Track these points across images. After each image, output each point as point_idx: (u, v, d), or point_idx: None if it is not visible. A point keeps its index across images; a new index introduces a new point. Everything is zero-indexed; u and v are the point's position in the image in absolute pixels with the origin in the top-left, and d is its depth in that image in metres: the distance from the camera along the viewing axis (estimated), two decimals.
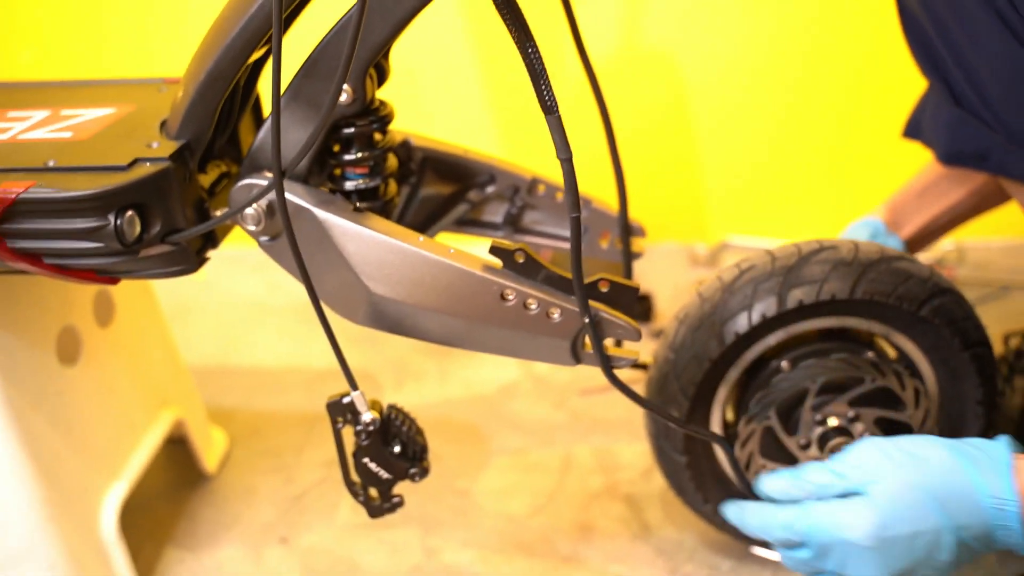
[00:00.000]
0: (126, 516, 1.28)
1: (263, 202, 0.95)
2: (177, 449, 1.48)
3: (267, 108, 1.15)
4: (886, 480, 0.87)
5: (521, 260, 0.93)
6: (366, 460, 1.01)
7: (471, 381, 1.70)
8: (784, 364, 1.09)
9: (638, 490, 1.40)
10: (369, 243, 0.93)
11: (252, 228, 0.96)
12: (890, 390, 1.06)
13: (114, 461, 1.25)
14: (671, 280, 1.95)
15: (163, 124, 1.02)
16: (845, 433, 1.06)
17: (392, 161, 1.06)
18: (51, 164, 0.94)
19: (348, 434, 1.01)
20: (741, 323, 1.05)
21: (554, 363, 1.01)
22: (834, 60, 1.88)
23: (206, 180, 1.04)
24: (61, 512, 1.14)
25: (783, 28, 1.87)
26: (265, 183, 0.95)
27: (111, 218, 0.90)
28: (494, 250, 0.93)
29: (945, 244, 1.91)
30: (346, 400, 0.99)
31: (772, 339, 1.08)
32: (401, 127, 1.13)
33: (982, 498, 0.84)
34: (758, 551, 1.24)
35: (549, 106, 0.81)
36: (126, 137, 1.00)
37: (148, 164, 0.93)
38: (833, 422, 1.06)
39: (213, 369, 1.78)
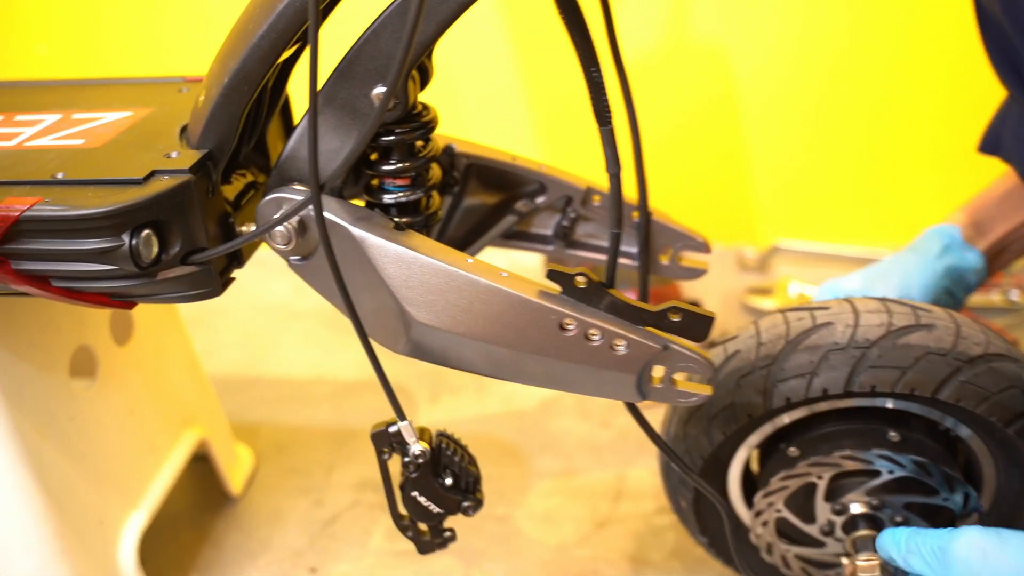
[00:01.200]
0: (147, 542, 1.20)
1: (294, 219, 0.85)
2: (200, 467, 1.39)
3: (297, 112, 1.06)
4: None
5: (583, 286, 0.83)
6: (415, 493, 0.92)
7: (510, 396, 1.60)
8: (792, 450, 0.98)
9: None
10: (412, 265, 0.83)
11: (281, 247, 0.86)
12: (914, 479, 0.94)
13: (133, 489, 1.16)
14: (719, 286, 1.85)
15: (183, 130, 0.93)
16: (872, 521, 0.95)
17: (435, 171, 0.96)
18: (60, 176, 0.85)
19: (395, 464, 0.92)
20: (797, 389, 0.92)
21: (617, 399, 0.91)
22: (899, 57, 1.76)
23: (231, 192, 0.94)
24: (75, 545, 1.05)
25: (841, 21, 1.75)
26: (296, 197, 0.86)
27: (126, 238, 0.81)
28: (552, 275, 0.83)
29: None
30: (392, 429, 0.90)
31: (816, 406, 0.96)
32: (442, 132, 1.03)
33: None
34: None
35: (605, 117, 0.77)
36: (143, 146, 0.90)
37: (167, 177, 0.84)
38: (856, 508, 0.95)
39: (238, 379, 1.70)
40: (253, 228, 0.90)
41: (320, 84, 0.86)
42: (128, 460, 1.16)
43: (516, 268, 0.95)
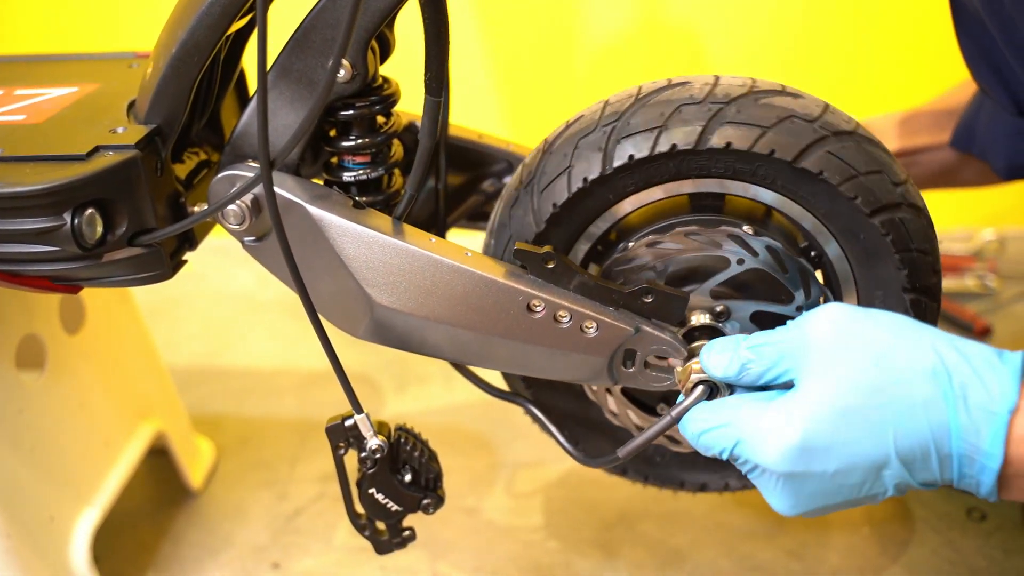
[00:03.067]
0: (102, 539, 1.15)
1: (247, 197, 0.81)
2: (159, 460, 1.34)
3: (252, 86, 1.01)
4: (829, 374, 0.67)
5: (551, 265, 0.79)
6: (372, 491, 0.88)
7: None
8: (631, 245, 0.84)
9: (667, 508, 1.27)
10: (371, 245, 0.80)
11: (234, 227, 0.82)
12: (767, 275, 0.83)
13: (85, 484, 1.12)
14: None
15: (131, 106, 0.88)
16: (713, 333, 0.84)
17: (397, 148, 0.92)
18: None
19: (351, 460, 0.88)
20: (559, 190, 0.82)
21: (587, 383, 0.88)
22: (868, 50, 1.74)
23: (182, 170, 0.90)
24: (24, 543, 1.00)
25: (813, 10, 1.73)
26: (250, 174, 0.82)
27: (67, 217, 0.77)
28: (519, 254, 0.80)
29: (985, 233, 1.77)
30: (348, 423, 0.86)
31: (614, 212, 0.85)
32: (405, 108, 0.99)
33: (953, 441, 0.64)
34: None
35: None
36: (87, 121, 0.86)
37: (111, 153, 0.79)
38: (696, 319, 0.85)
39: (199, 371, 1.65)
40: (205, 207, 0.85)
41: (274, 55, 0.82)
42: (80, 454, 1.11)
43: (482, 250, 0.91)
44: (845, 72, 1.78)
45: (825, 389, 0.67)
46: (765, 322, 0.85)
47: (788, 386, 0.71)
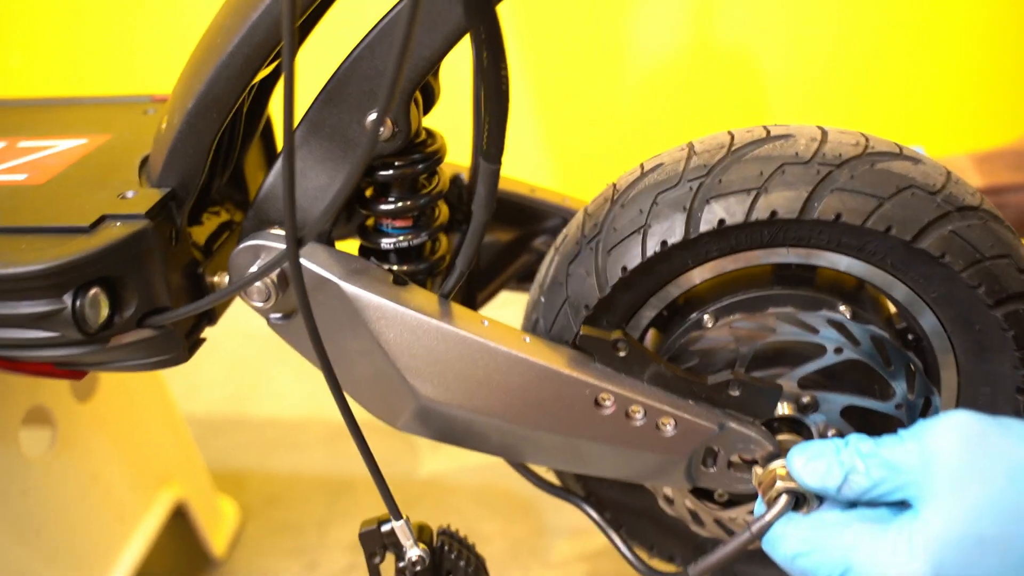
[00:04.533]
0: None
1: (273, 272, 0.71)
2: (179, 524, 1.25)
3: (280, 136, 0.91)
4: (959, 496, 0.57)
5: (622, 353, 0.69)
6: None
7: None
8: (706, 318, 0.74)
9: None
10: (415, 329, 0.69)
11: (259, 304, 0.72)
12: (866, 366, 0.72)
13: (99, 564, 1.02)
14: None
15: (144, 163, 0.78)
16: (797, 426, 0.75)
17: (442, 209, 0.81)
18: None
19: (388, 567, 0.77)
20: (632, 254, 0.70)
21: (662, 484, 0.77)
22: (932, 83, 1.62)
23: (200, 234, 0.80)
24: None
25: (879, 23, 1.61)
26: (275, 244, 0.71)
27: (68, 300, 0.67)
28: (584, 340, 0.69)
29: None
30: (385, 528, 0.75)
31: (689, 278, 0.73)
32: (449, 160, 0.89)
33: None
34: None
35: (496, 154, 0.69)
36: (94, 182, 0.76)
37: (119, 224, 0.69)
38: (778, 410, 0.74)
39: (223, 420, 1.55)
40: (226, 279, 0.75)
41: (304, 109, 0.72)
42: (93, 532, 1.01)
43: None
44: (906, 107, 1.66)
45: (955, 515, 0.56)
46: (856, 419, 0.74)
47: (899, 506, 0.60)
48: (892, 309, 0.79)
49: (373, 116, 0.69)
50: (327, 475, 1.41)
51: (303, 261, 0.70)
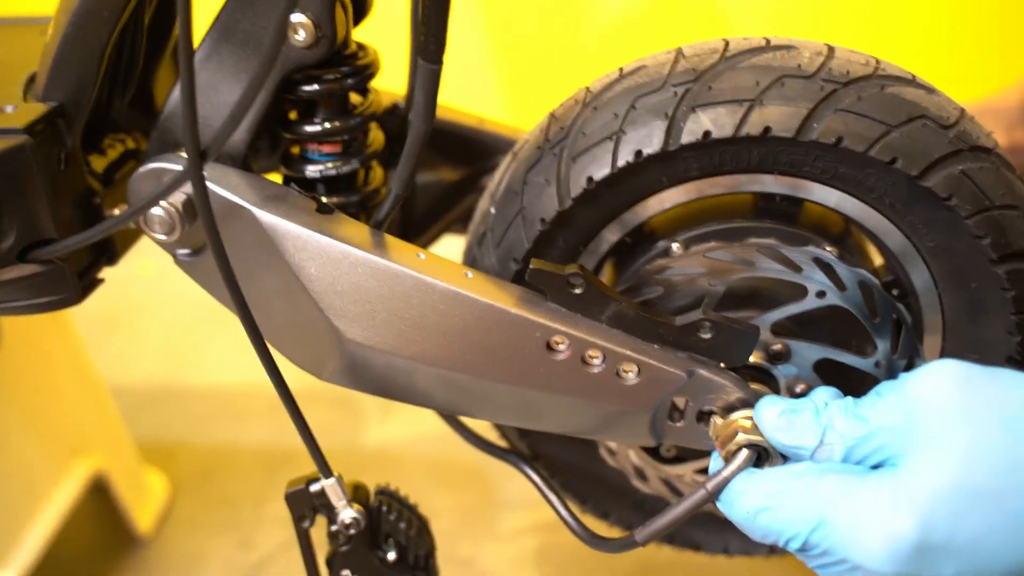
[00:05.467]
0: None
1: (177, 199, 0.61)
2: (103, 500, 1.14)
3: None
4: (949, 447, 0.49)
5: (578, 290, 0.60)
6: (346, 573, 0.69)
7: None
8: (675, 247, 0.66)
9: (697, 559, 1.08)
10: (341, 263, 0.60)
11: (161, 236, 0.62)
12: (849, 315, 0.64)
13: (3, 542, 0.92)
14: None
15: (31, 81, 0.68)
16: (764, 377, 0.66)
17: (376, 136, 0.72)
18: None
19: (319, 530, 0.68)
20: (600, 163, 0.62)
21: (624, 441, 0.69)
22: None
23: (100, 162, 0.70)
24: None
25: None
26: (178, 168, 0.62)
27: None
28: (536, 274, 0.60)
29: None
30: (315, 488, 0.66)
31: (661, 200, 0.65)
32: (389, 86, 0.80)
33: None
34: None
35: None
36: None
37: None
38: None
39: (156, 392, 1.45)
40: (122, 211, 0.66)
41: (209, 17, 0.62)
42: None
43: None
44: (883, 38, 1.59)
45: (945, 465, 0.49)
46: (829, 375, 0.66)
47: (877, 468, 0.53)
48: (878, 261, 0.71)
49: (300, 18, 0.60)
50: (266, 448, 1.32)
51: (211, 186, 0.61)
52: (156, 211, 0.61)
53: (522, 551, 1.12)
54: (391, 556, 0.70)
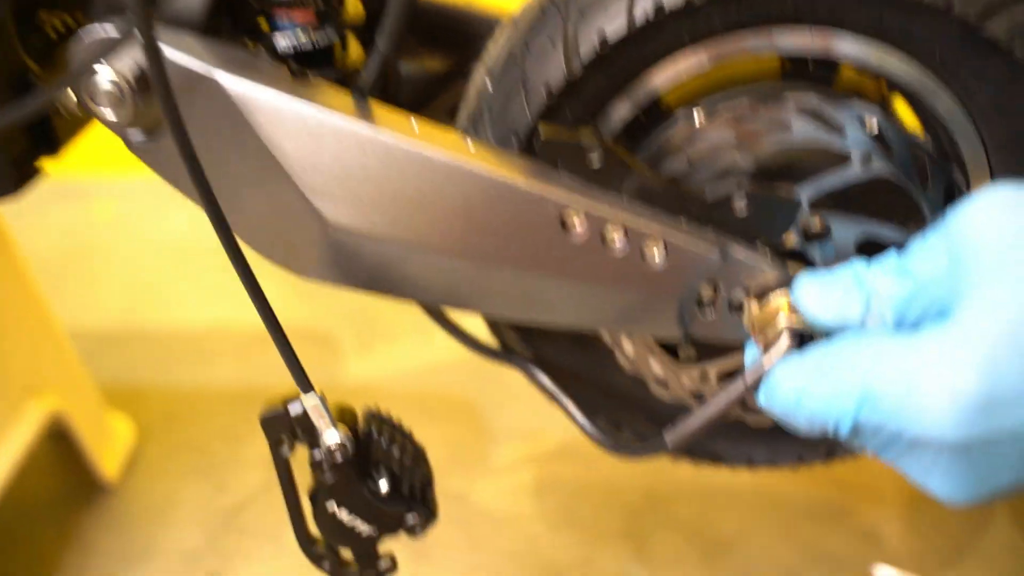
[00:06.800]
0: None
1: (125, 66, 0.52)
2: (65, 447, 1.06)
3: None
4: (1008, 286, 0.42)
5: (596, 162, 0.52)
6: (333, 507, 0.62)
7: None
8: (697, 114, 0.59)
9: (705, 485, 1.03)
10: (322, 133, 0.52)
11: (109, 114, 0.54)
12: (895, 186, 0.58)
13: None
14: None
15: None
16: (802, 258, 0.60)
17: (354, 6, 0.64)
18: None
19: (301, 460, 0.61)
20: (615, 17, 0.54)
21: (647, 333, 0.62)
22: None
23: (37, 39, 0.61)
24: None
25: None
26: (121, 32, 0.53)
27: None
28: (547, 145, 0.52)
29: None
30: (294, 409, 0.58)
31: (678, 68, 0.57)
32: None
33: None
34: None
35: None
36: None
37: None
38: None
39: (119, 334, 1.36)
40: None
41: None
42: None
43: None
44: None
45: (1004, 307, 0.41)
46: (873, 255, 0.59)
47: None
48: None
49: None
50: (237, 388, 1.24)
51: (165, 49, 0.52)
52: (102, 83, 0.52)
53: (519, 484, 1.06)
54: (383, 487, 0.62)
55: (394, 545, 0.99)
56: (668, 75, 0.57)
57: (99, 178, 1.74)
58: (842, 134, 0.56)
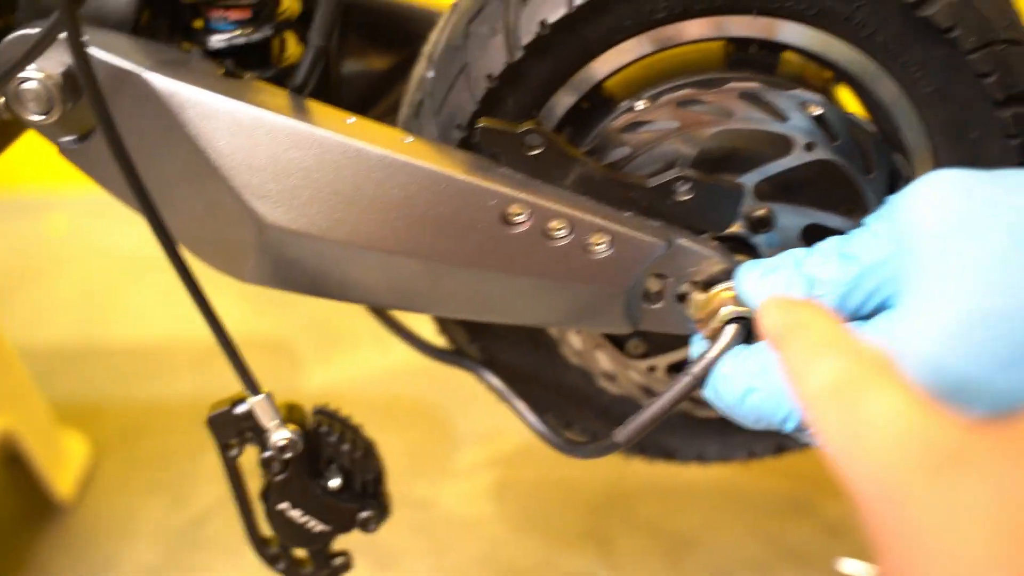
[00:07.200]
0: None
1: (55, 69, 0.51)
2: (18, 468, 1.04)
3: None
4: (955, 269, 0.41)
5: (537, 150, 0.52)
6: (284, 505, 0.61)
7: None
8: (640, 104, 0.57)
9: (668, 483, 1.02)
10: (255, 131, 0.51)
11: (38, 117, 0.52)
12: (840, 172, 0.57)
13: None
14: None
15: None
16: (746, 247, 0.59)
17: (291, 2, 0.63)
18: None
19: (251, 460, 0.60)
20: (554, 3, 0.53)
21: (595, 329, 0.61)
22: None
23: None
24: None
25: None
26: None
27: None
28: (487, 133, 0.52)
29: None
30: (240, 409, 0.58)
31: (621, 52, 0.56)
32: None
33: None
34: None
35: None
36: None
37: None
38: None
39: (73, 349, 1.34)
40: None
41: None
42: None
43: None
44: None
45: (949, 298, 0.41)
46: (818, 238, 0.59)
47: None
48: None
49: None
50: (196, 400, 1.21)
51: (94, 50, 0.51)
52: (29, 84, 0.51)
53: (481, 487, 1.05)
54: (335, 483, 0.61)
55: (357, 554, 0.98)
56: (611, 64, 0.57)
57: (49, 193, 1.71)
58: (785, 120, 0.55)
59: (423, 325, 0.72)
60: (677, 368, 0.65)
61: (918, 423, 0.31)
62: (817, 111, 0.56)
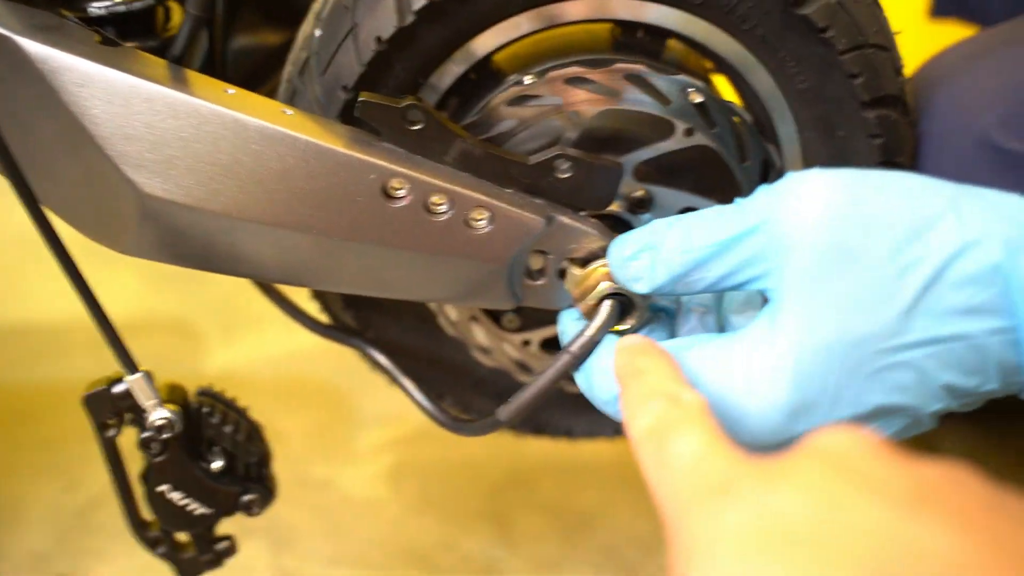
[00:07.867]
0: None
1: None
2: None
3: None
4: (830, 282, 0.43)
5: (416, 126, 0.52)
6: (164, 488, 0.60)
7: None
8: (528, 79, 0.58)
9: (567, 462, 1.04)
10: (131, 100, 0.50)
11: None
12: (717, 158, 0.59)
13: None
14: None
15: None
16: (626, 227, 0.61)
17: None
18: None
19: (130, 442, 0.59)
20: None
21: (480, 305, 0.62)
22: None
23: None
24: None
25: None
26: None
27: None
28: (366, 108, 0.52)
29: None
30: (118, 389, 0.57)
31: (511, 26, 0.57)
32: None
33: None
34: None
35: None
36: None
37: None
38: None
39: None
40: None
41: None
42: None
43: None
44: None
45: (822, 321, 0.43)
46: None
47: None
48: None
49: None
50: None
51: None
52: None
53: (382, 469, 1.05)
54: (217, 465, 0.61)
55: (255, 535, 0.98)
56: (501, 37, 0.58)
57: None
58: (667, 104, 0.57)
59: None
60: (551, 343, 0.66)
61: (704, 460, 0.36)
62: (698, 98, 0.58)
